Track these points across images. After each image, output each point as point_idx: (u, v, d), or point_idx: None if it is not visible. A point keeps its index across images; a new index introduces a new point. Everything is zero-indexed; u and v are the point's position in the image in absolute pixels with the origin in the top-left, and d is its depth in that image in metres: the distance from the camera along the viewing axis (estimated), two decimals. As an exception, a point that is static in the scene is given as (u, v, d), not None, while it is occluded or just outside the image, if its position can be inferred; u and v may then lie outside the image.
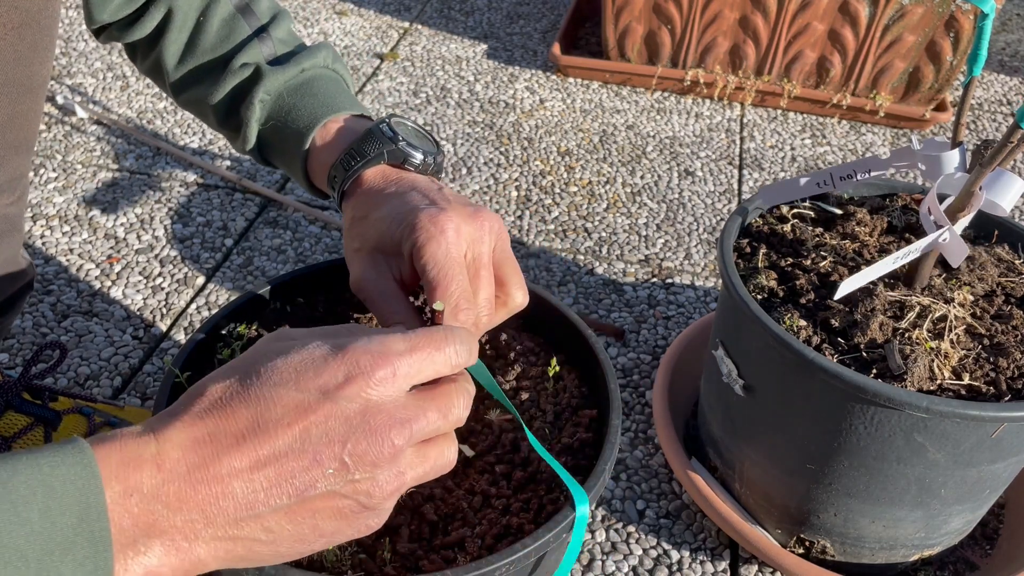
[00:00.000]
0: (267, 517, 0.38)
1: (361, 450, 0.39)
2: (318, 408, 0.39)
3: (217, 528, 0.38)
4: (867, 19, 1.48)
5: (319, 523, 0.40)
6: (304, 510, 0.39)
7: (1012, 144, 0.62)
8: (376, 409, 0.40)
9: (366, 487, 0.40)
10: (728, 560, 0.85)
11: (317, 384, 0.40)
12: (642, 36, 1.61)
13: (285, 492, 0.38)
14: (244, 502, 0.38)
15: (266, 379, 0.40)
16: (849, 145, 1.53)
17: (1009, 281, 0.75)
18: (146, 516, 0.36)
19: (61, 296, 1.12)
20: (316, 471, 0.39)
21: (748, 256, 0.78)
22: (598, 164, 1.44)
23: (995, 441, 0.66)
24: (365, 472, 0.40)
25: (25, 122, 0.65)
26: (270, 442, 0.38)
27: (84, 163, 1.37)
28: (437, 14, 1.91)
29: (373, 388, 0.40)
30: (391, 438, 0.40)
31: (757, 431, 0.77)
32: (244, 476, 0.38)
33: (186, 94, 0.71)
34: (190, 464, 0.37)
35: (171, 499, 0.37)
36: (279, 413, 0.39)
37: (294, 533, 0.40)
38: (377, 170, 0.59)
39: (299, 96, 0.66)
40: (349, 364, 0.40)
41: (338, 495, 0.39)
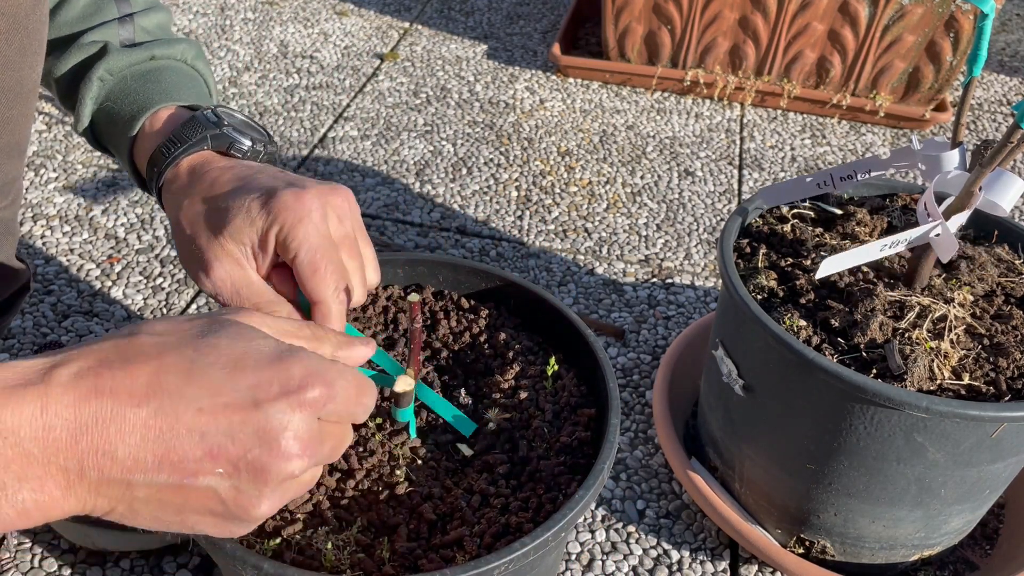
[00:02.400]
0: (140, 488, 0.37)
1: (260, 465, 0.38)
2: (239, 408, 0.38)
3: (89, 483, 0.36)
4: (867, 19, 1.48)
5: (186, 513, 0.39)
6: (177, 496, 0.38)
7: (1012, 144, 0.62)
8: (292, 433, 0.39)
9: (246, 502, 0.39)
10: (728, 560, 0.85)
11: (249, 383, 0.39)
12: (642, 36, 1.61)
13: (167, 471, 0.37)
14: (123, 466, 0.36)
15: (202, 352, 0.39)
16: (849, 145, 1.53)
17: (1009, 281, 0.75)
18: (20, 460, 0.35)
19: (61, 296, 1.12)
20: (206, 463, 0.37)
21: (748, 256, 0.78)
22: (598, 164, 1.44)
23: (995, 441, 0.66)
24: (252, 487, 0.38)
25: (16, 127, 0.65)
26: (173, 416, 0.37)
27: (84, 163, 1.37)
28: (437, 14, 1.91)
29: (300, 411, 0.39)
30: (291, 465, 0.39)
31: (757, 431, 0.77)
32: (131, 441, 0.36)
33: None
34: (79, 412, 0.36)
35: (50, 444, 0.35)
36: (196, 393, 0.38)
37: (157, 511, 0.38)
38: (202, 156, 0.56)
39: (141, 82, 0.63)
40: (285, 377, 0.39)
41: (216, 497, 0.38)
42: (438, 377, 0.66)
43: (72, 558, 0.81)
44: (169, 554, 0.81)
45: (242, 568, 0.49)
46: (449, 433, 0.62)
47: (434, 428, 0.62)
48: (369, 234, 1.24)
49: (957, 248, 0.66)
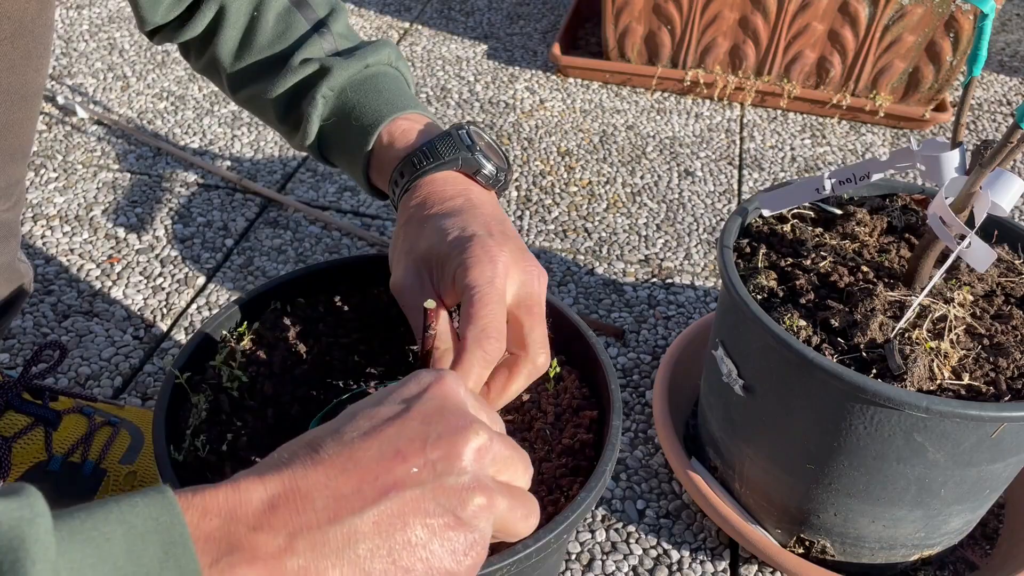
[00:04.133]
0: (354, 529, 0.35)
1: (443, 444, 0.38)
2: (398, 415, 0.39)
3: (299, 540, 0.35)
4: (867, 19, 1.48)
5: (415, 545, 0.36)
6: (394, 522, 0.36)
7: (1012, 144, 0.62)
8: (453, 408, 0.40)
9: (454, 492, 0.37)
10: (728, 560, 0.85)
11: (391, 398, 0.40)
12: (642, 36, 1.61)
13: (369, 496, 0.36)
14: (326, 512, 0.35)
15: (337, 420, 0.40)
16: (849, 145, 1.53)
17: (1009, 281, 0.75)
18: (226, 536, 0.34)
19: (62, 296, 1.12)
20: (400, 469, 0.37)
21: (748, 256, 0.79)
22: (598, 164, 1.44)
23: (995, 441, 0.66)
24: (451, 468, 0.38)
25: (20, 129, 0.65)
26: (348, 453, 0.37)
27: (85, 163, 1.37)
28: (437, 14, 1.91)
29: (446, 390, 0.40)
30: (472, 432, 0.39)
31: (757, 431, 0.77)
32: (323, 487, 0.36)
33: (243, 91, 0.70)
34: (268, 486, 0.36)
35: (250, 517, 0.35)
36: (355, 427, 0.38)
37: (388, 556, 0.36)
38: (447, 175, 0.58)
39: (363, 93, 0.65)
40: (416, 380, 0.41)
41: (426, 498, 0.37)
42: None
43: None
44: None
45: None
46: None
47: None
48: (369, 234, 1.24)
49: (995, 256, 0.65)
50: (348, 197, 1.34)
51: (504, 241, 0.52)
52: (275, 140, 1.46)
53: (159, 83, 1.60)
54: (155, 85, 1.59)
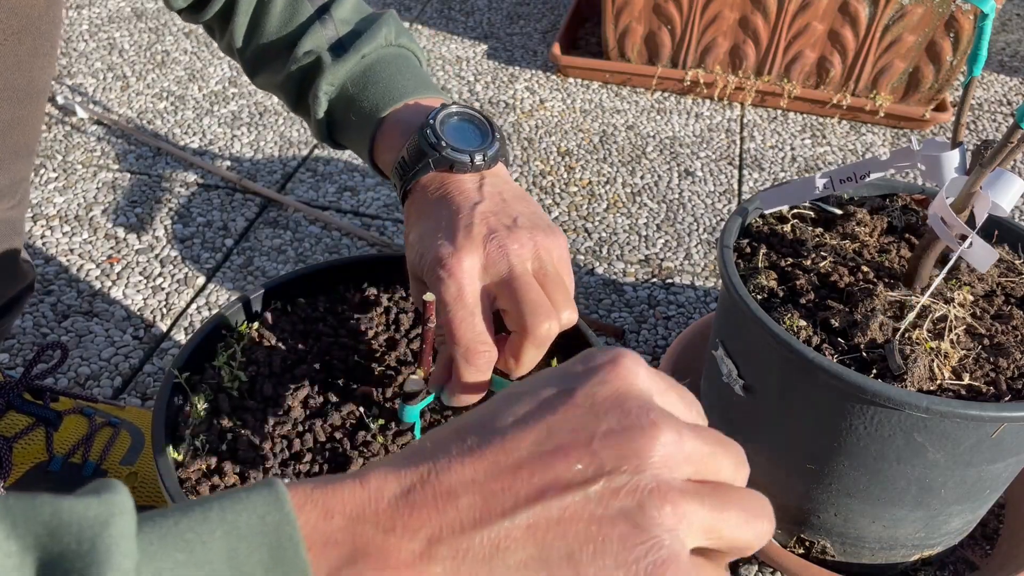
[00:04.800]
0: (502, 531, 0.29)
1: (617, 439, 0.31)
2: (559, 399, 0.32)
3: (440, 546, 0.29)
4: (867, 19, 1.48)
5: (574, 547, 0.29)
6: (551, 524, 0.29)
7: (1012, 144, 0.62)
8: (631, 391, 0.32)
9: (629, 492, 0.30)
10: (728, 560, 0.85)
11: (549, 377, 0.34)
12: (642, 36, 1.61)
13: (524, 495, 0.30)
14: (471, 514, 0.30)
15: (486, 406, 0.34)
16: (849, 145, 1.53)
17: (1009, 281, 0.75)
18: (351, 539, 0.29)
19: (61, 296, 1.12)
20: (560, 466, 0.30)
21: (748, 256, 0.79)
22: (598, 164, 1.44)
23: (995, 441, 0.66)
24: (624, 466, 0.30)
25: (26, 127, 0.65)
26: (499, 444, 0.31)
27: (84, 163, 1.37)
28: (437, 14, 1.91)
29: (624, 368, 0.33)
30: (657, 427, 0.31)
31: (757, 431, 0.77)
32: (470, 483, 0.30)
33: (258, 77, 0.71)
34: (402, 481, 0.30)
35: (381, 517, 0.30)
36: (512, 417, 0.32)
37: (540, 560, 0.29)
38: (428, 177, 0.58)
39: (361, 86, 0.65)
40: (585, 356, 0.34)
41: (594, 503, 0.30)
42: (439, 377, 0.66)
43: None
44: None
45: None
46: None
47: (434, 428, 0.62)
48: (369, 234, 1.24)
49: (996, 256, 0.65)
50: (348, 197, 1.34)
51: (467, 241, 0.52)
52: (275, 140, 1.46)
53: (159, 83, 1.60)
54: (155, 85, 1.59)
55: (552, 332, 0.51)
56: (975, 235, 0.65)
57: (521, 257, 0.52)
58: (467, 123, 0.60)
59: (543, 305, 0.50)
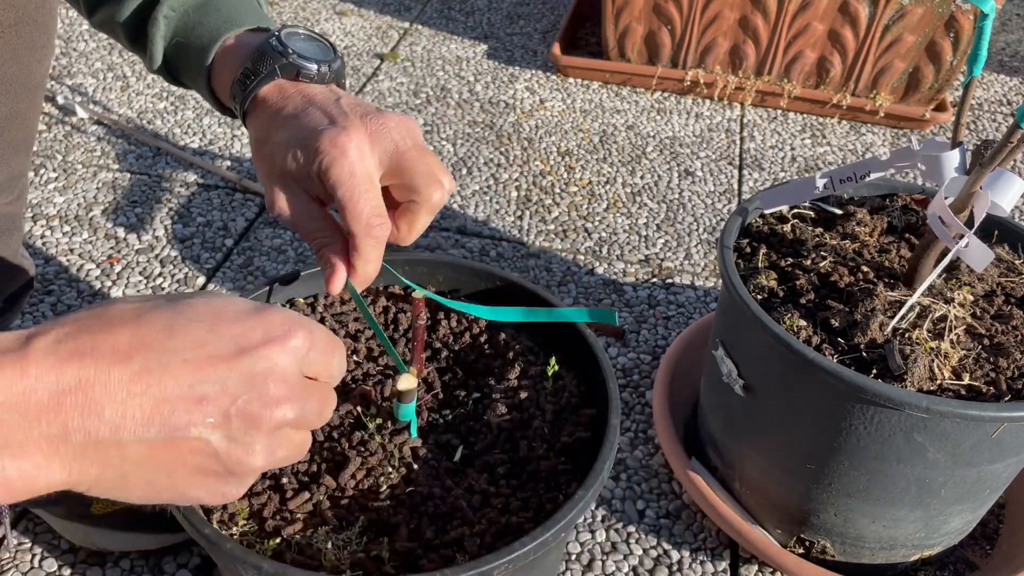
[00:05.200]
0: (130, 447, 0.36)
1: (250, 411, 0.38)
2: (227, 358, 0.38)
3: (75, 447, 0.35)
4: (867, 19, 1.48)
5: (178, 474, 0.38)
6: (169, 452, 0.37)
7: (1012, 144, 0.62)
8: (280, 377, 0.39)
9: (239, 453, 0.38)
10: (728, 560, 0.85)
11: (232, 333, 0.39)
12: (642, 36, 1.61)
13: (157, 425, 0.36)
14: (111, 424, 0.35)
15: (179, 311, 0.39)
16: (849, 145, 1.53)
17: (1009, 281, 0.75)
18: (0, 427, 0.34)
19: (62, 296, 1.12)
20: (196, 414, 0.37)
21: (748, 256, 0.78)
22: (598, 164, 1.44)
23: (995, 441, 0.66)
24: (245, 435, 0.38)
25: (24, 121, 0.65)
26: (160, 370, 0.36)
27: (84, 163, 1.37)
28: (437, 14, 1.91)
29: (285, 355, 0.40)
30: (281, 411, 0.39)
31: (757, 431, 0.77)
32: (117, 398, 0.35)
33: (98, 14, 0.69)
34: (62, 377, 0.35)
35: (31, 409, 0.34)
36: (181, 345, 0.37)
37: (149, 475, 0.37)
38: (273, 86, 0.58)
39: (203, 12, 0.64)
40: (267, 325, 0.40)
41: (208, 451, 0.38)
42: (439, 377, 0.66)
43: (72, 558, 0.81)
44: (169, 554, 0.81)
45: (242, 568, 0.49)
46: (450, 432, 0.62)
47: (435, 427, 0.62)
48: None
49: (992, 256, 0.65)
50: (348, 197, 1.33)
51: (348, 121, 0.53)
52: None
53: (159, 83, 1.60)
54: (155, 85, 1.59)
55: (443, 200, 0.54)
56: (972, 235, 0.65)
57: (401, 134, 0.54)
58: (310, 40, 0.61)
59: (433, 175, 0.54)
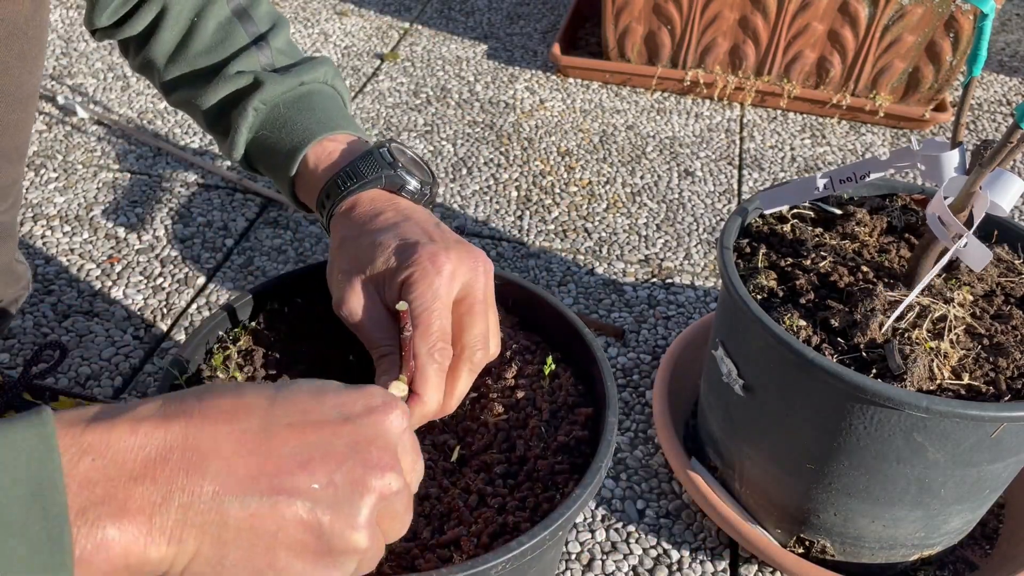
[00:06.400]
0: (231, 512, 0.34)
1: (356, 477, 0.37)
2: (329, 423, 0.38)
3: (176, 509, 0.33)
4: (867, 19, 1.48)
5: (278, 551, 0.36)
6: (270, 523, 0.35)
7: (1012, 144, 0.62)
8: (383, 445, 0.39)
9: (341, 525, 0.37)
10: (728, 560, 0.85)
11: (334, 402, 0.39)
12: (642, 36, 1.61)
13: (261, 485, 0.35)
14: (215, 481, 0.34)
15: (280, 385, 0.39)
16: (849, 145, 1.53)
17: (1009, 281, 0.75)
18: (104, 482, 0.32)
19: (62, 296, 1.12)
20: (302, 477, 0.36)
21: (748, 256, 0.78)
22: (598, 164, 1.44)
23: (995, 441, 0.66)
24: (350, 504, 0.37)
25: (16, 131, 0.65)
26: (264, 432, 0.36)
27: (85, 163, 1.37)
28: (437, 14, 1.91)
29: (386, 425, 0.40)
30: (387, 479, 0.38)
31: (757, 431, 0.77)
32: (224, 452, 0.35)
33: (176, 94, 0.71)
34: (169, 435, 0.34)
35: (137, 466, 0.33)
36: (284, 412, 0.37)
37: (247, 551, 0.35)
38: (372, 193, 0.59)
39: (295, 110, 0.65)
40: (367, 398, 0.40)
41: (311, 523, 0.36)
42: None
43: None
44: None
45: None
46: (447, 433, 0.62)
47: (432, 427, 0.62)
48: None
49: (990, 256, 0.65)
50: (348, 197, 1.34)
51: (447, 244, 0.54)
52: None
53: (159, 83, 1.60)
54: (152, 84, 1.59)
55: (484, 362, 0.54)
56: (970, 234, 0.65)
57: (486, 275, 0.55)
58: (413, 161, 0.62)
59: (484, 337, 0.54)
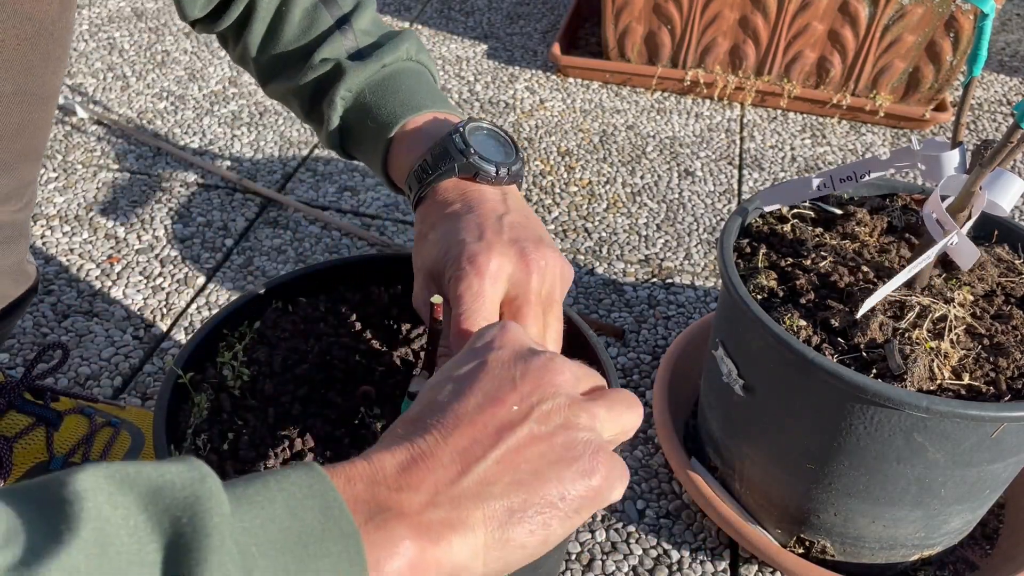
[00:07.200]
0: (480, 472, 0.38)
1: (530, 378, 0.41)
2: (477, 369, 0.42)
3: (439, 496, 0.37)
4: (867, 19, 1.49)
5: (535, 463, 0.39)
6: (513, 454, 0.39)
7: (1012, 144, 0.62)
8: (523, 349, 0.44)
9: (554, 411, 0.41)
10: (728, 560, 0.85)
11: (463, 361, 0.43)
12: (642, 36, 1.61)
13: (487, 441, 0.39)
14: (454, 468, 0.38)
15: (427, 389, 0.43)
16: (849, 145, 1.53)
17: (1009, 281, 0.75)
18: (372, 497, 0.37)
19: (62, 296, 1.12)
20: (502, 411, 0.40)
21: (748, 256, 0.79)
22: (598, 164, 1.44)
23: (995, 441, 0.66)
24: (545, 394, 0.41)
25: (36, 131, 0.65)
26: (452, 414, 0.40)
27: (84, 163, 1.37)
28: (437, 14, 1.91)
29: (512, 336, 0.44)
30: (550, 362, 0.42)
31: (757, 431, 0.77)
32: (444, 446, 0.39)
33: (271, 85, 0.72)
34: (396, 456, 0.38)
35: (389, 481, 0.37)
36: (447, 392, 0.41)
37: (523, 494, 0.39)
38: (448, 183, 0.59)
39: (379, 94, 0.65)
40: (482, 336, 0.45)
41: (535, 426, 0.40)
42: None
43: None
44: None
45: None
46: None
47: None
48: (369, 234, 1.24)
49: (979, 254, 0.66)
50: (348, 197, 1.34)
51: (498, 242, 0.53)
52: (275, 140, 1.46)
53: (159, 83, 1.60)
54: (155, 85, 1.59)
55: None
56: (960, 232, 0.66)
57: (541, 275, 0.54)
58: (493, 138, 0.61)
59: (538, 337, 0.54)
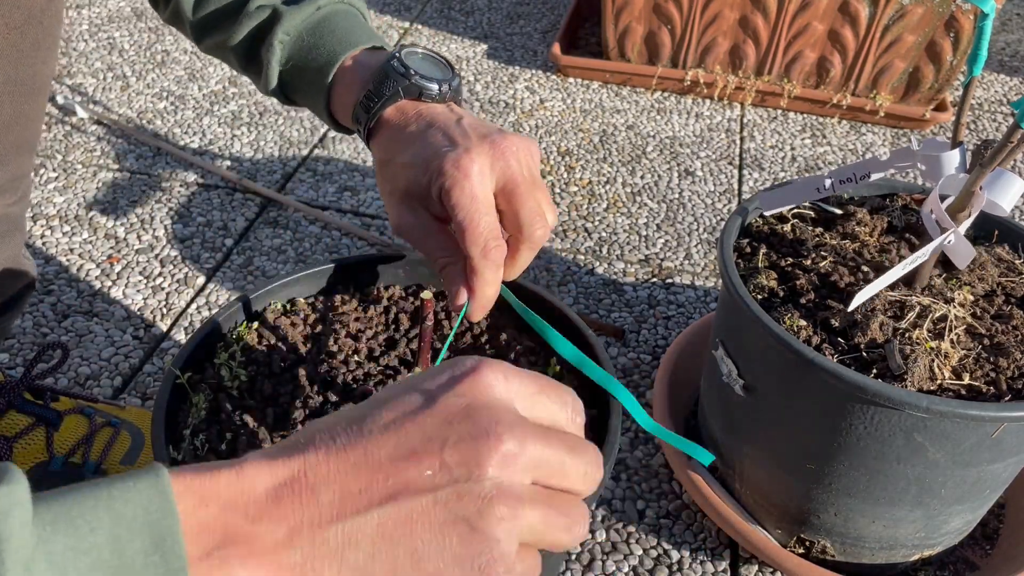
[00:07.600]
0: (355, 527, 0.33)
1: (464, 448, 0.34)
2: (421, 409, 0.35)
3: (299, 536, 0.33)
4: (867, 19, 1.48)
5: (421, 550, 0.33)
6: (402, 527, 0.33)
7: (1012, 144, 0.62)
8: (483, 407, 0.35)
9: (470, 497, 0.34)
10: (728, 560, 0.85)
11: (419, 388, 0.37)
12: (642, 36, 1.61)
13: (377, 496, 0.33)
14: (330, 510, 0.33)
15: (364, 405, 0.37)
16: (849, 145, 1.53)
17: (1009, 281, 0.75)
18: (222, 526, 0.32)
19: (61, 296, 1.12)
20: (413, 471, 0.34)
21: (748, 256, 0.79)
22: (598, 164, 1.44)
23: (995, 441, 0.66)
24: (468, 473, 0.34)
25: (28, 122, 0.65)
26: (362, 447, 0.34)
27: (84, 163, 1.37)
28: (437, 14, 1.91)
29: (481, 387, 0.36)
30: (500, 438, 0.34)
31: (757, 431, 0.77)
32: (332, 480, 0.34)
33: (207, 40, 0.72)
34: (274, 474, 0.34)
35: (250, 508, 0.33)
36: (378, 419, 0.35)
37: (390, 562, 0.33)
38: (396, 107, 0.60)
39: (317, 35, 0.66)
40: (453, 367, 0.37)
41: (438, 506, 0.34)
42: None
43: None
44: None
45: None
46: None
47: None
48: (369, 234, 1.24)
49: (974, 254, 0.66)
50: (348, 197, 1.34)
51: (470, 142, 0.54)
52: (275, 140, 1.46)
53: (159, 83, 1.60)
54: (155, 85, 1.59)
55: (545, 236, 0.55)
56: (956, 231, 0.66)
57: (518, 158, 0.55)
58: (429, 60, 0.62)
59: (538, 211, 0.55)
